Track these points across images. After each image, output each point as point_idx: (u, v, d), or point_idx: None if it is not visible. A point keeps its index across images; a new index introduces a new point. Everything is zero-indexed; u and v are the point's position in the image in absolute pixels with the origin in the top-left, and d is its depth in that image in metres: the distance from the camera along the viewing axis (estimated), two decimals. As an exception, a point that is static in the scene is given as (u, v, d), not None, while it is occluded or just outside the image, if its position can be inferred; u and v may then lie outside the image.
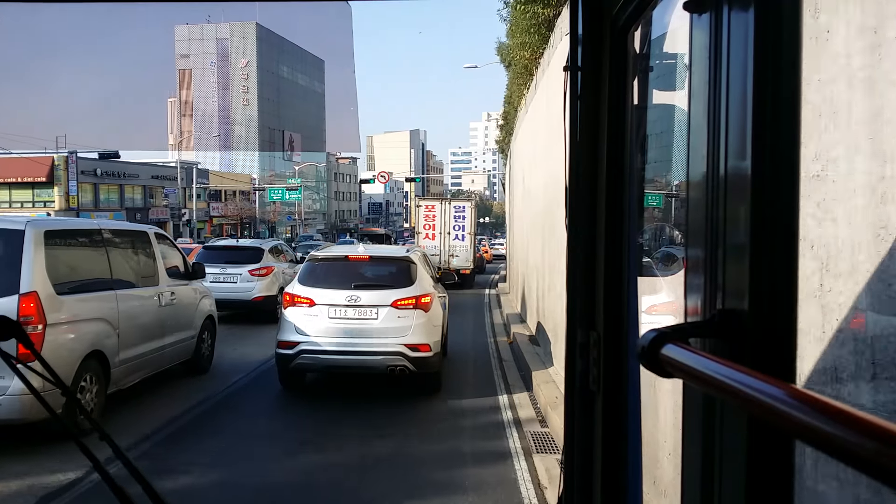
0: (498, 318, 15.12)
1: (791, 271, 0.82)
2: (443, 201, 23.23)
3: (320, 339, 7.38)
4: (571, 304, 1.38)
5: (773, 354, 0.80)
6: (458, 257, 22.18)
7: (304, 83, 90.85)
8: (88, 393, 6.15)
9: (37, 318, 5.59)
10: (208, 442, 6.13)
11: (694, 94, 0.93)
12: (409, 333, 7.41)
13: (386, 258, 8.43)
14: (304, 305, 7.53)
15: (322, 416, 7.08)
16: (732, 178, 0.83)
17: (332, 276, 7.84)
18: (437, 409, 7.44)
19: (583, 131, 1.32)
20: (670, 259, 2.55)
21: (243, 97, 78.16)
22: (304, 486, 5.24)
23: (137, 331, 7.04)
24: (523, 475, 5.42)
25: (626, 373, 1.26)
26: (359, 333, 7.43)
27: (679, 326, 0.85)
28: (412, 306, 7.52)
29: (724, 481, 0.85)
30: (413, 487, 5.19)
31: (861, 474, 0.48)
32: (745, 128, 0.80)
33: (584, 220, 1.34)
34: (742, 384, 0.63)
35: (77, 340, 6.05)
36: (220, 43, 77.07)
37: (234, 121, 78.41)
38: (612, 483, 1.28)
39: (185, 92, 77.97)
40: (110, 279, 6.80)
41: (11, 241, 5.71)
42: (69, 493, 4.86)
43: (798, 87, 0.80)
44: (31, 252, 5.69)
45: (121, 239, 7.40)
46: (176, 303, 8.00)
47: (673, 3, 1.06)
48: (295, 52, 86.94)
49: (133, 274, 7.38)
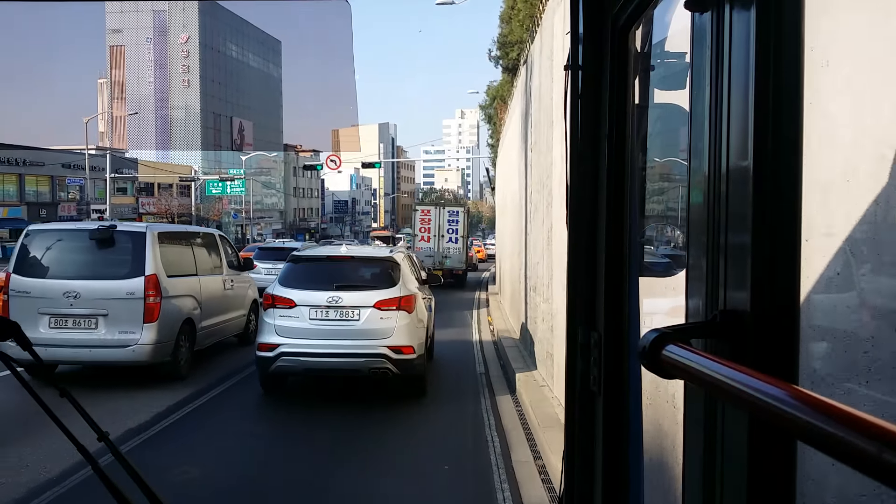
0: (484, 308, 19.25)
1: (793, 272, 0.88)
2: (437, 207, 28.42)
3: (301, 342, 7.83)
4: (572, 304, 1.47)
5: (775, 355, 0.86)
6: (451, 258, 26.37)
7: (258, 65, 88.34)
8: (183, 348, 9.42)
9: (155, 293, 8.83)
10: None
11: (695, 93, 1.01)
12: (392, 335, 7.81)
13: (369, 258, 8.93)
14: (284, 307, 7.97)
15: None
16: (734, 177, 0.89)
17: (314, 277, 8.28)
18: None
19: (584, 131, 1.42)
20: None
21: (183, 77, 75.57)
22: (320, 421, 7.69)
23: (212, 306, 10.48)
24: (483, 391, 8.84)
25: (627, 373, 1.35)
26: (340, 335, 7.84)
27: (680, 327, 0.91)
28: (395, 307, 7.90)
29: (725, 482, 0.91)
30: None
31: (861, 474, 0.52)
32: (746, 127, 0.86)
33: (585, 220, 1.43)
34: (743, 385, 0.67)
35: (178, 310, 9.38)
36: (158, 16, 74.08)
37: (172, 105, 75.78)
38: (612, 484, 1.37)
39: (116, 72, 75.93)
40: (195, 267, 10.24)
41: (138, 240, 9.05)
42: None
43: (800, 85, 0.86)
44: (150, 247, 8.97)
45: (199, 239, 11.06)
46: (233, 288, 11.56)
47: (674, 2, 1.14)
48: (246, 29, 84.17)
49: (208, 264, 10.82)
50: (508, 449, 6.65)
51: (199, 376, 9.46)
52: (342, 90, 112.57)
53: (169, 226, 14.07)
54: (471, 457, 6.55)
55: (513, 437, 7.02)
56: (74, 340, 8.62)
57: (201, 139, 76.68)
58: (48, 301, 8.72)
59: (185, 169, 63.46)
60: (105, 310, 8.72)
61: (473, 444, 6.91)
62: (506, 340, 12.31)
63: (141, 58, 74.89)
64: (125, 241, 9.10)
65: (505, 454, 6.54)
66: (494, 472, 6.10)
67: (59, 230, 9.94)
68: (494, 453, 6.57)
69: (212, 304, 10.44)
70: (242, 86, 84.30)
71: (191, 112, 76.27)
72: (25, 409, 1.51)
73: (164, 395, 8.36)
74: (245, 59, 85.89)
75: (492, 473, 6.06)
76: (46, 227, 10.09)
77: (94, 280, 8.83)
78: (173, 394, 8.48)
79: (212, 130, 78.80)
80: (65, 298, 8.69)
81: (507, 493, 5.61)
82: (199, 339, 9.97)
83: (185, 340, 9.49)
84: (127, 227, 9.72)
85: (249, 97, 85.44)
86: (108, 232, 9.00)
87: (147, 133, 75.54)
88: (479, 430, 7.35)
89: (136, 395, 8.43)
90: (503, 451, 6.63)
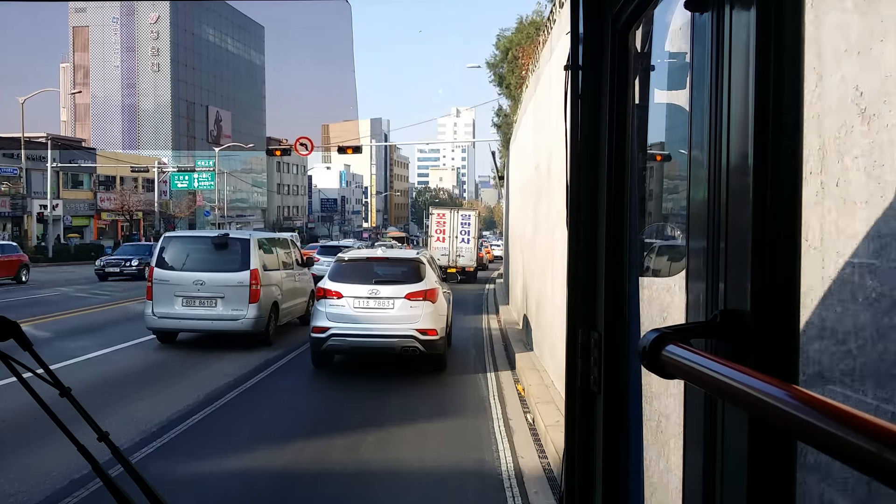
0: (492, 298, 25.05)
1: (793, 272, 0.93)
2: (452, 210, 34.33)
3: (347, 325, 10.79)
4: (572, 304, 1.55)
5: (775, 355, 0.91)
6: (463, 257, 32.29)
7: (237, 51, 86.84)
8: (272, 323, 13.93)
9: (256, 282, 13.19)
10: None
11: (695, 93, 1.08)
12: (419, 320, 10.72)
13: (400, 259, 12.08)
14: (334, 297, 10.96)
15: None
16: (734, 177, 0.95)
17: (357, 274, 11.26)
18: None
19: (584, 130, 1.50)
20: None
21: (152, 61, 74.20)
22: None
23: (287, 293, 15.19)
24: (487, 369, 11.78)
25: (627, 373, 1.43)
26: (378, 320, 10.80)
27: (680, 327, 0.97)
28: (422, 298, 10.83)
29: (725, 482, 0.97)
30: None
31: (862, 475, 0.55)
32: (746, 127, 0.92)
33: (585, 220, 1.51)
34: (744, 385, 0.71)
35: (270, 295, 13.90)
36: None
37: (140, 91, 74.44)
38: (613, 484, 1.45)
39: (80, 55, 75.24)
40: (279, 264, 15.05)
41: (244, 244, 13.52)
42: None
43: (800, 85, 0.92)
44: (253, 249, 13.43)
45: (280, 242, 16.12)
46: (299, 279, 16.45)
47: (674, 2, 1.22)
48: (224, 11, 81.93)
49: (286, 262, 15.65)
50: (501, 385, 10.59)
51: (278, 344, 13.96)
52: (341, 88, 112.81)
53: (264, 233, 19.96)
54: (474, 394, 10.21)
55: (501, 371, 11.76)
56: (200, 315, 13.27)
57: (172, 129, 75.19)
58: (181, 287, 13.22)
59: (152, 161, 61.49)
60: (222, 294, 13.25)
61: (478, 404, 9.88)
62: (510, 328, 16.11)
63: (107, 40, 73.73)
64: (235, 245, 13.72)
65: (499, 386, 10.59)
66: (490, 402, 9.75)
67: (188, 237, 15.85)
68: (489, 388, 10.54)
69: (288, 291, 15.23)
70: (220, 73, 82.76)
71: (160, 99, 74.89)
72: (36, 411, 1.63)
73: (260, 354, 12.86)
74: (223, 45, 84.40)
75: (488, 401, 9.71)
76: (178, 234, 16.40)
77: (214, 272, 13.43)
78: (265, 353, 13.05)
79: (184, 120, 77.40)
80: (193, 285, 13.25)
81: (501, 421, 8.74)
82: (281, 317, 14.64)
83: (273, 317, 14.16)
84: (237, 234, 14.65)
85: (228, 86, 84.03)
86: (223, 238, 13.85)
87: (113, 122, 74.52)
88: (484, 394, 10.29)
89: (244, 355, 12.80)
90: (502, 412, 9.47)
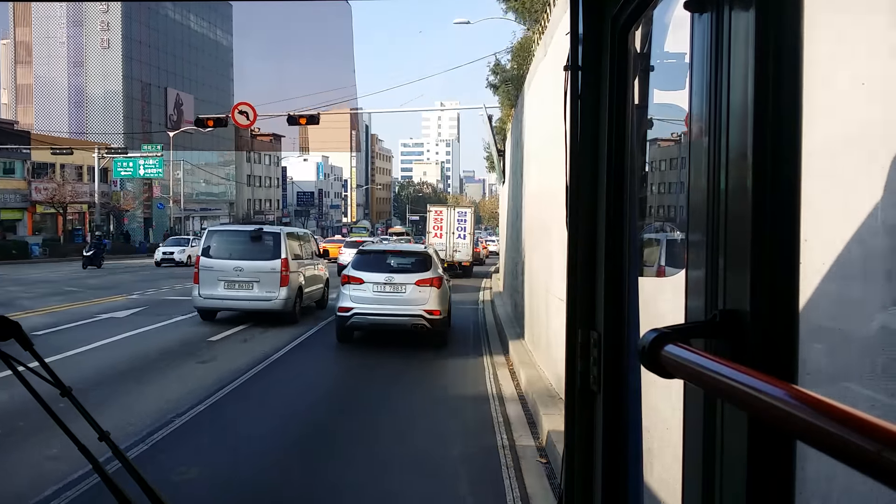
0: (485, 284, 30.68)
1: (792, 272, 1.00)
2: (448, 208, 38.93)
3: (367, 306, 13.98)
4: (571, 303, 1.63)
5: (774, 355, 0.97)
6: (460, 252, 36.39)
7: (201, 29, 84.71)
8: (297, 304, 17.82)
9: (286, 269, 17.22)
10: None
11: (695, 93, 1.15)
12: (427, 302, 13.89)
13: (411, 252, 15.58)
14: (357, 283, 14.15)
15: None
16: (733, 177, 1.01)
17: (376, 263, 14.59)
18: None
19: (583, 131, 1.58)
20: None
21: (101, 37, 72.25)
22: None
23: (309, 280, 18.99)
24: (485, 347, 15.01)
25: (627, 373, 1.51)
26: (393, 302, 14.01)
27: (680, 326, 1.03)
28: (429, 284, 14.02)
29: (724, 481, 1.03)
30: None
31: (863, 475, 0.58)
32: (746, 127, 0.98)
33: (584, 220, 1.59)
34: (743, 384, 0.75)
35: (296, 280, 17.84)
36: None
37: (87, 70, 72.74)
38: (612, 483, 1.53)
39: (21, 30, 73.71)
40: (302, 254, 18.89)
41: (276, 237, 17.83)
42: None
43: (799, 85, 0.97)
44: (283, 241, 17.60)
45: (303, 236, 20.08)
46: (317, 268, 20.34)
47: (674, 3, 1.29)
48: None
49: (307, 253, 19.59)
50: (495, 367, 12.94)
51: (302, 322, 17.62)
52: (341, 88, 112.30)
53: (292, 228, 24.10)
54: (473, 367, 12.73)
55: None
56: (239, 296, 17.21)
57: (123, 111, 73.16)
58: (223, 273, 17.04)
59: (98, 146, 58.57)
60: (258, 278, 17.03)
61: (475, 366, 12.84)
62: (504, 317, 19.02)
63: (51, 13, 71.93)
64: (268, 238, 17.72)
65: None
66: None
67: (229, 230, 19.63)
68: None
69: (309, 278, 19.08)
70: (182, 53, 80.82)
71: (110, 77, 72.82)
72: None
73: (292, 330, 16.45)
74: (185, 22, 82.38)
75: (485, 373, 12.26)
76: (221, 228, 20.34)
77: (251, 260, 17.27)
78: (296, 329, 16.69)
79: (139, 103, 75.52)
80: (234, 271, 17.07)
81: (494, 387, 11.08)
82: (304, 300, 18.49)
83: (298, 300, 17.92)
84: (270, 229, 19.01)
85: (191, 67, 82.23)
86: (259, 232, 17.79)
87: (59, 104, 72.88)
88: (480, 362, 13.11)
89: (279, 330, 16.35)
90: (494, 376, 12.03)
